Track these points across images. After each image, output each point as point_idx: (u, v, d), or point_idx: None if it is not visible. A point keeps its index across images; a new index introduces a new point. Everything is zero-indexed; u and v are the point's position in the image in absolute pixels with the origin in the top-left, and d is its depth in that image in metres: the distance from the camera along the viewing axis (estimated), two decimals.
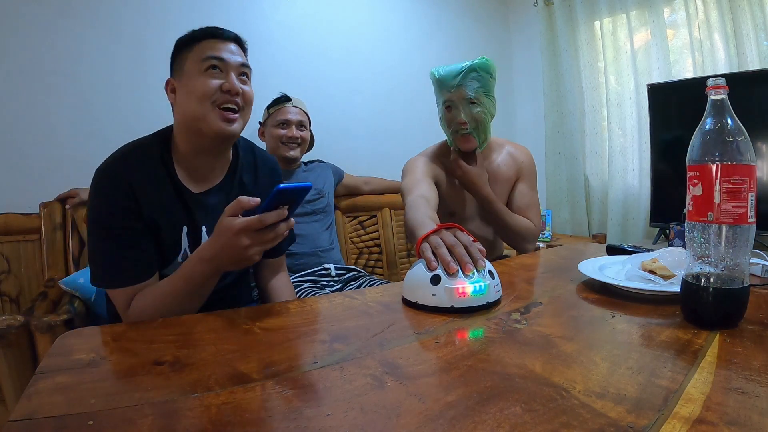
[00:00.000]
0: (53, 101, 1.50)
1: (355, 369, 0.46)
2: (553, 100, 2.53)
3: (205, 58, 0.81)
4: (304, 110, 1.65)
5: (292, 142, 1.58)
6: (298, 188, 0.64)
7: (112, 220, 0.76)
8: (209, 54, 0.81)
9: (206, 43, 0.82)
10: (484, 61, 1.19)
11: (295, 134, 1.58)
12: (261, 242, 0.67)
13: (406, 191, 1.14)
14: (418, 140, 1.76)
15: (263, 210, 0.65)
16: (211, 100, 0.80)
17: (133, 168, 0.79)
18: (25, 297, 1.33)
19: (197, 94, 0.80)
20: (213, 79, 0.81)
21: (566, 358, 0.48)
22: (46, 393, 0.42)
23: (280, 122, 1.58)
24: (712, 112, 0.55)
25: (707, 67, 1.97)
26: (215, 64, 0.81)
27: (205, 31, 0.84)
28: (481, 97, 1.19)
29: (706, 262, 0.55)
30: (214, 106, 0.81)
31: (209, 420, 0.37)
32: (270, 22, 1.94)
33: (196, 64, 0.81)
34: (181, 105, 0.83)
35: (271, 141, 1.60)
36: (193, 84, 0.80)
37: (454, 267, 0.65)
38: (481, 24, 2.73)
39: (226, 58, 0.82)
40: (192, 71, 0.81)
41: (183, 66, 0.83)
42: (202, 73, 0.81)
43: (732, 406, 0.37)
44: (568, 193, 2.53)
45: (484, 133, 1.23)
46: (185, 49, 0.83)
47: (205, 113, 0.80)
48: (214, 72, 0.81)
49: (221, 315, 0.67)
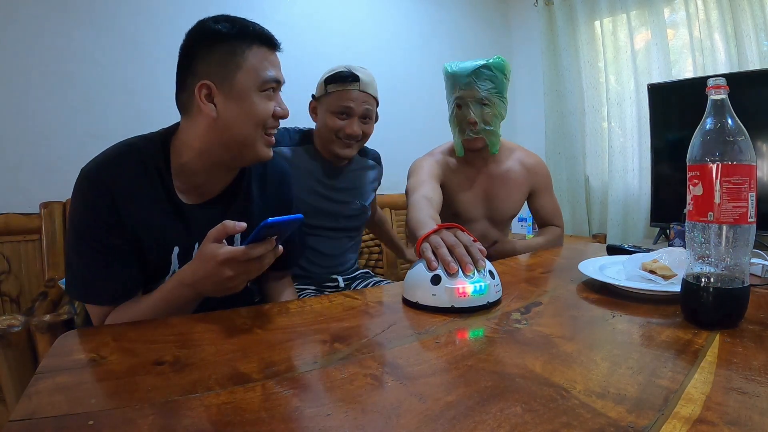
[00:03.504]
0: (53, 101, 1.50)
1: (356, 369, 0.46)
2: (553, 100, 2.53)
3: (266, 80, 0.74)
4: (374, 95, 1.22)
5: (351, 139, 1.17)
6: (288, 221, 0.60)
7: (90, 234, 0.68)
8: (270, 75, 0.74)
9: (262, 53, 0.74)
10: (499, 60, 1.17)
11: (357, 131, 1.15)
12: (246, 272, 0.63)
13: (411, 191, 1.14)
14: (419, 141, 1.76)
15: (250, 241, 0.61)
16: (265, 123, 0.75)
17: (120, 176, 0.69)
18: (25, 297, 1.33)
19: (255, 118, 0.73)
20: (270, 101, 0.75)
21: (566, 358, 0.48)
22: (46, 393, 0.42)
23: (340, 109, 1.15)
24: (712, 112, 0.55)
25: (707, 67, 1.97)
26: (273, 87, 0.75)
27: (255, 31, 0.75)
28: (493, 97, 1.17)
29: (707, 262, 0.55)
30: (264, 132, 0.76)
31: (209, 420, 0.37)
32: (270, 23, 1.92)
33: (255, 82, 0.73)
34: (228, 121, 0.73)
35: (323, 129, 1.18)
36: (252, 106, 0.73)
37: (455, 267, 0.65)
38: (481, 24, 2.73)
39: (281, 79, 0.77)
40: (249, 88, 0.73)
41: (233, 76, 0.72)
42: (261, 94, 0.74)
43: (732, 406, 0.37)
44: (568, 193, 2.53)
45: (494, 136, 1.21)
46: (229, 52, 0.72)
47: (255, 139, 0.75)
48: (270, 93, 0.75)
49: (221, 315, 0.67)
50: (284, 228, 0.62)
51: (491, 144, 1.22)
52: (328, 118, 1.16)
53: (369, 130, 1.21)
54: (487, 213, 1.31)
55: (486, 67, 1.15)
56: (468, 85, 1.16)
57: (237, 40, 0.73)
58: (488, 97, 1.16)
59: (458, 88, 1.18)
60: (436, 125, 1.30)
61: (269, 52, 0.76)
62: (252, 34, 0.74)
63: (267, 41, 0.76)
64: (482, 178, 1.29)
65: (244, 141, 0.74)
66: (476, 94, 1.16)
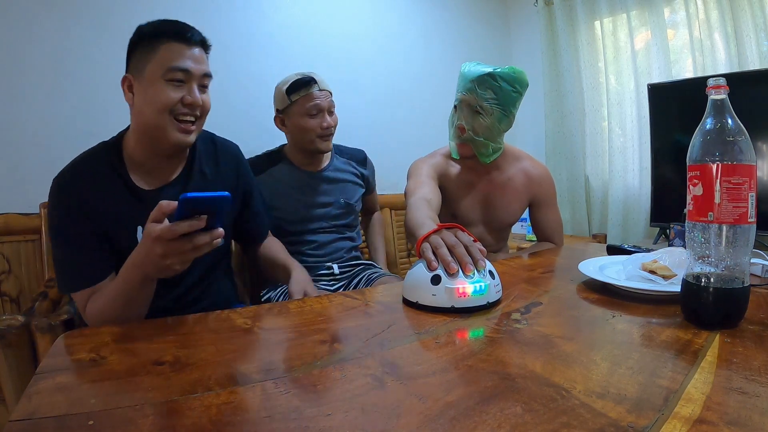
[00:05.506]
0: (53, 101, 1.50)
1: (356, 369, 0.46)
2: (553, 100, 2.53)
3: (170, 69, 0.80)
4: (330, 90, 1.38)
5: (327, 131, 1.33)
6: (209, 198, 0.59)
7: (64, 228, 0.80)
8: (175, 65, 0.80)
9: (171, 48, 0.80)
10: (509, 71, 1.10)
11: (330, 122, 1.33)
12: (177, 253, 0.62)
13: (409, 193, 1.13)
14: (420, 142, 1.76)
15: (176, 219, 0.60)
16: (170, 111, 0.80)
17: (82, 178, 0.81)
18: (25, 297, 1.32)
19: (158, 105, 0.79)
20: (175, 91, 0.80)
21: (566, 358, 0.48)
22: (46, 393, 0.42)
23: (310, 111, 1.30)
24: (712, 112, 0.55)
25: (707, 66, 1.97)
26: (179, 77, 0.80)
27: (171, 29, 0.82)
28: (491, 108, 1.11)
29: (707, 262, 0.55)
30: (173, 118, 0.81)
31: (209, 420, 0.37)
32: (270, 24, 1.94)
33: (159, 71, 0.80)
34: (139, 109, 0.82)
35: (301, 134, 1.32)
36: (155, 93, 0.79)
37: (455, 267, 0.65)
38: (481, 24, 2.73)
39: (191, 69, 0.81)
40: (154, 78, 0.80)
41: (144, 67, 0.81)
42: (165, 82, 0.80)
43: (732, 406, 0.37)
44: (568, 193, 2.53)
45: (485, 147, 1.17)
46: (147, 47, 0.81)
47: (163, 124, 0.80)
48: (176, 83, 0.80)
49: (221, 315, 0.67)
50: (209, 205, 0.60)
51: (479, 154, 1.19)
52: (302, 122, 1.31)
53: (336, 121, 1.38)
54: (485, 219, 1.29)
55: (491, 75, 1.09)
56: (469, 90, 1.13)
57: (155, 37, 0.81)
58: (485, 107, 1.11)
59: (460, 91, 1.16)
60: (436, 126, 1.31)
61: (183, 46, 0.81)
62: (167, 31, 0.81)
63: (181, 37, 0.81)
64: (482, 184, 1.27)
65: (155, 126, 0.81)
66: (472, 101, 1.12)
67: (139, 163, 0.86)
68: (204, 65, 0.84)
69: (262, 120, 1.73)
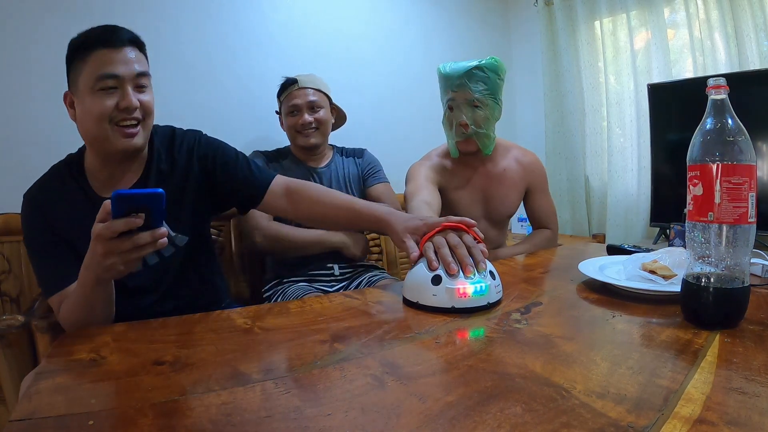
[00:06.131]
0: (54, 101, 1.50)
1: (356, 369, 0.46)
2: (553, 100, 2.53)
3: (99, 77, 0.78)
4: (317, 88, 1.45)
5: (308, 128, 1.40)
6: (141, 194, 0.59)
7: (34, 239, 0.84)
8: (102, 72, 0.78)
9: (99, 55, 0.78)
10: (491, 61, 1.15)
11: (307, 119, 1.39)
12: (118, 252, 0.61)
13: (409, 197, 1.14)
14: (420, 142, 1.76)
15: (114, 218, 0.59)
16: (108, 119, 0.79)
17: (47, 193, 0.85)
18: (25, 297, 1.32)
19: (95, 116, 0.78)
20: (108, 98, 0.78)
21: (566, 358, 0.48)
22: (46, 393, 0.42)
23: (290, 109, 1.42)
24: (712, 112, 0.55)
25: (708, 66, 1.97)
26: (110, 84, 0.78)
27: (97, 36, 0.80)
28: (486, 99, 1.16)
29: (707, 262, 0.55)
30: (113, 125, 0.79)
31: (209, 420, 0.37)
32: (270, 24, 1.94)
33: (90, 82, 0.78)
34: (81, 123, 0.82)
35: (287, 131, 1.46)
36: (90, 104, 0.78)
37: (455, 268, 0.65)
38: (481, 24, 2.73)
39: (120, 74, 0.79)
40: (86, 89, 0.79)
41: (77, 80, 0.80)
42: (96, 92, 0.78)
43: (732, 406, 0.37)
44: (568, 193, 2.53)
45: (487, 138, 1.21)
46: (78, 58, 0.80)
47: (105, 134, 0.79)
48: (109, 90, 0.78)
49: (221, 315, 0.67)
50: (144, 202, 0.59)
51: (483, 146, 1.22)
52: (286, 120, 1.45)
53: (321, 117, 1.43)
54: (486, 213, 1.31)
55: (478, 68, 1.14)
56: (460, 86, 1.15)
57: (85, 48, 0.79)
58: (480, 99, 1.15)
59: (450, 90, 1.18)
60: (436, 126, 1.30)
61: (111, 51, 0.79)
62: (94, 39, 0.79)
63: (107, 42, 0.79)
64: (479, 179, 1.29)
65: (98, 137, 0.81)
66: (468, 96, 1.15)
67: (98, 172, 0.86)
68: (136, 65, 0.81)
69: (262, 119, 1.73)
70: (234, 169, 0.95)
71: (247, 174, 0.96)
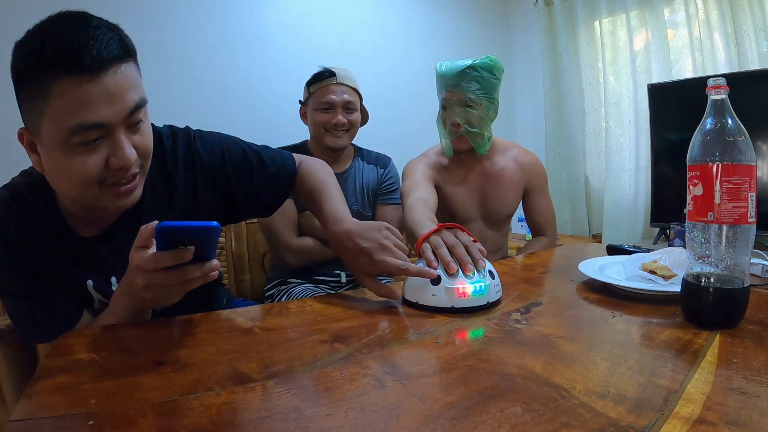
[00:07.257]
0: None
1: (356, 369, 0.46)
2: (553, 100, 2.53)
3: (74, 131, 0.53)
4: (353, 86, 1.33)
5: (339, 129, 1.29)
6: (191, 227, 0.50)
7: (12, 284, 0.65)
8: (78, 123, 0.53)
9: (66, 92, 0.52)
10: (486, 60, 1.15)
11: (341, 120, 1.28)
12: (162, 285, 0.53)
13: (405, 194, 1.14)
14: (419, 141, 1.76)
15: (158, 250, 0.52)
16: (96, 182, 0.58)
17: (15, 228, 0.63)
18: None
19: (75, 181, 0.57)
20: (92, 155, 0.56)
21: (566, 358, 0.48)
22: (46, 393, 0.42)
23: (322, 105, 1.28)
24: (712, 112, 0.55)
25: (707, 67, 1.97)
26: (93, 137, 0.55)
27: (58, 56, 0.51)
28: (479, 99, 1.15)
29: (707, 262, 0.55)
30: (104, 186, 0.59)
31: (209, 420, 0.37)
32: (270, 23, 1.94)
33: (60, 135, 0.53)
34: (52, 179, 0.60)
35: (313, 127, 1.32)
36: (66, 166, 0.56)
37: (455, 267, 0.65)
38: (481, 24, 2.73)
39: (106, 120, 0.54)
40: (56, 144, 0.55)
41: (38, 124, 0.55)
42: (74, 147, 0.55)
43: (732, 406, 0.37)
44: (568, 193, 2.53)
45: (481, 138, 1.20)
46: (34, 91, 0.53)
47: (92, 197, 0.59)
48: (91, 144, 0.55)
49: (221, 315, 0.67)
50: (193, 235, 0.52)
51: (477, 145, 1.21)
52: (315, 116, 1.30)
53: (354, 119, 1.32)
54: (483, 213, 1.30)
55: (472, 68, 1.13)
56: (454, 86, 1.15)
57: (40, 73, 0.52)
58: (474, 99, 1.15)
59: (444, 89, 1.18)
60: (435, 125, 1.30)
61: (84, 81, 0.52)
62: (54, 61, 0.51)
63: (75, 66, 0.51)
64: (476, 178, 1.29)
65: (83, 200, 0.61)
66: (461, 95, 1.15)
67: (77, 213, 0.67)
68: (127, 96, 0.56)
69: (263, 119, 1.73)
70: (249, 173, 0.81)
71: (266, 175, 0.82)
